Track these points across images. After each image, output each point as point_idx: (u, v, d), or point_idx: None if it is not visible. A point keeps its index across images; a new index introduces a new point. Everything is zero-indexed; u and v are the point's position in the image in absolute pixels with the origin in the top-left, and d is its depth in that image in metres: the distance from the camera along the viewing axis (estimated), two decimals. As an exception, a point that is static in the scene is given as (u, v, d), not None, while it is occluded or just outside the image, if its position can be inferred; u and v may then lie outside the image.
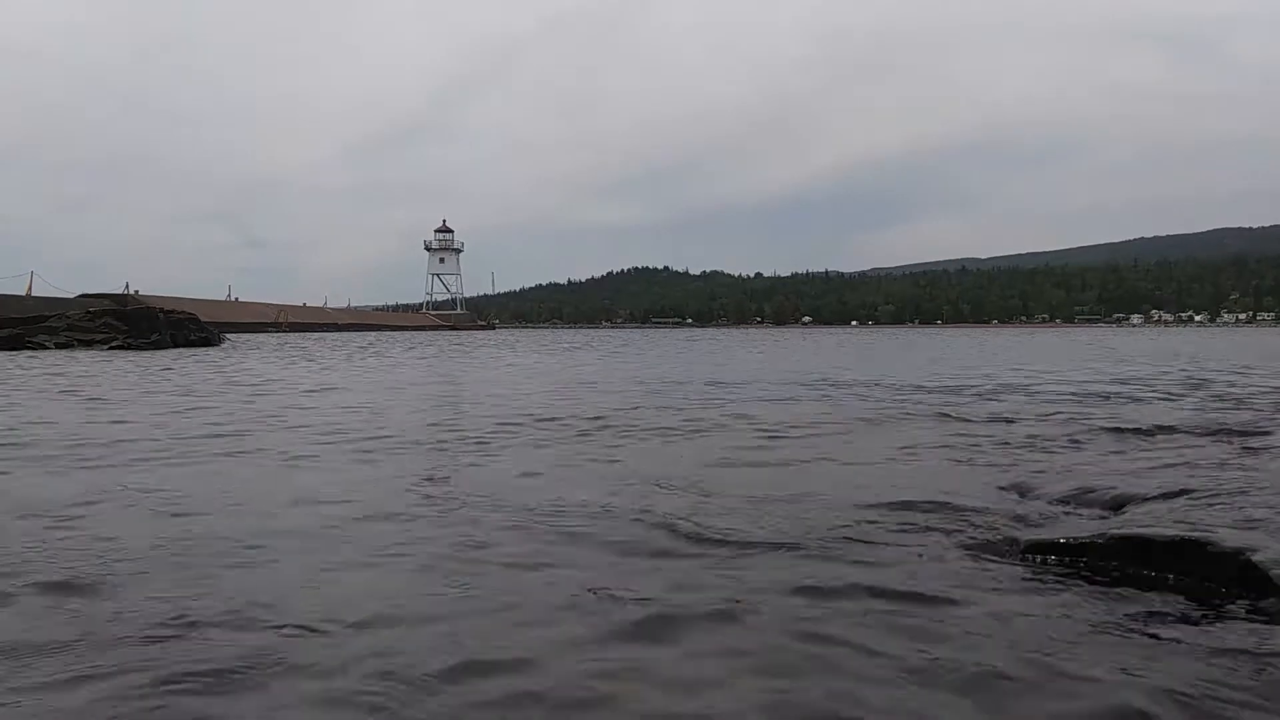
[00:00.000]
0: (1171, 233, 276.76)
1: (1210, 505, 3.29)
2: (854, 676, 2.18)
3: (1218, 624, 2.49)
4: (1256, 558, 2.72)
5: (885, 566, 3.08)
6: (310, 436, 6.72)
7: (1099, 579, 2.87)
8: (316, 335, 58.04)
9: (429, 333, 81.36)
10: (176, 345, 30.37)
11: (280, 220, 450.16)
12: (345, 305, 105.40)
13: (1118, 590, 2.78)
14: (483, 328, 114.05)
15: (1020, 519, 3.71)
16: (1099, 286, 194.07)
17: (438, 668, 2.21)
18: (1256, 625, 2.46)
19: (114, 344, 28.39)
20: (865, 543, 3.40)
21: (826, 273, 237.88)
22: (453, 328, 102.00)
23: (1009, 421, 7.51)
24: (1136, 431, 6.62)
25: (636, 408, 9.06)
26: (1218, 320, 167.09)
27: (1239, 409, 8.56)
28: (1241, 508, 3.14)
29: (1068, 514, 3.81)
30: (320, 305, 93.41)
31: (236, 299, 74.72)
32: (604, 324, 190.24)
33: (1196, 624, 2.50)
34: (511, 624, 2.53)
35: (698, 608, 2.65)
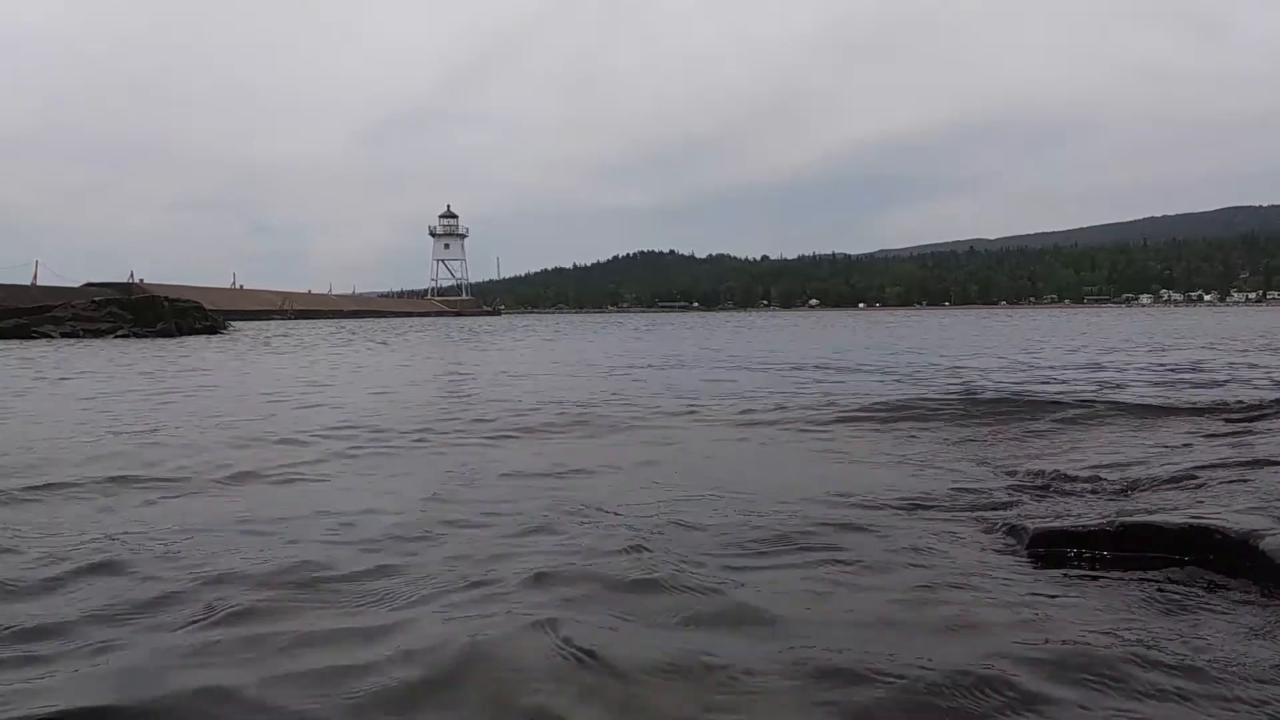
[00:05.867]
0: (1181, 212, 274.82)
1: (1216, 491, 3.20)
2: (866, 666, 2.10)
3: (1227, 612, 2.43)
4: (1264, 544, 2.64)
5: (889, 555, 3.01)
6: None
7: (1108, 567, 2.81)
8: (322, 322, 58.13)
9: (433, 318, 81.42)
10: (182, 333, 30.42)
11: (285, 207, 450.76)
12: (350, 292, 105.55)
13: (1127, 579, 2.71)
14: (488, 313, 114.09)
15: (1025, 507, 3.62)
16: (1108, 266, 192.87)
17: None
18: (1265, 613, 2.39)
19: (119, 332, 28.47)
20: (865, 531, 3.32)
21: (834, 255, 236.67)
22: (458, 313, 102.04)
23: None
24: (1139, 414, 6.52)
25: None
26: (1228, 300, 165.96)
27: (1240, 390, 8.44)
28: (1249, 493, 3.06)
29: (1074, 501, 3.73)
30: (325, 292, 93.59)
31: (241, 286, 74.81)
32: (610, 308, 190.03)
33: (1206, 612, 2.44)
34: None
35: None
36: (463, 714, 1.89)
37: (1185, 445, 4.69)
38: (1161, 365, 12.06)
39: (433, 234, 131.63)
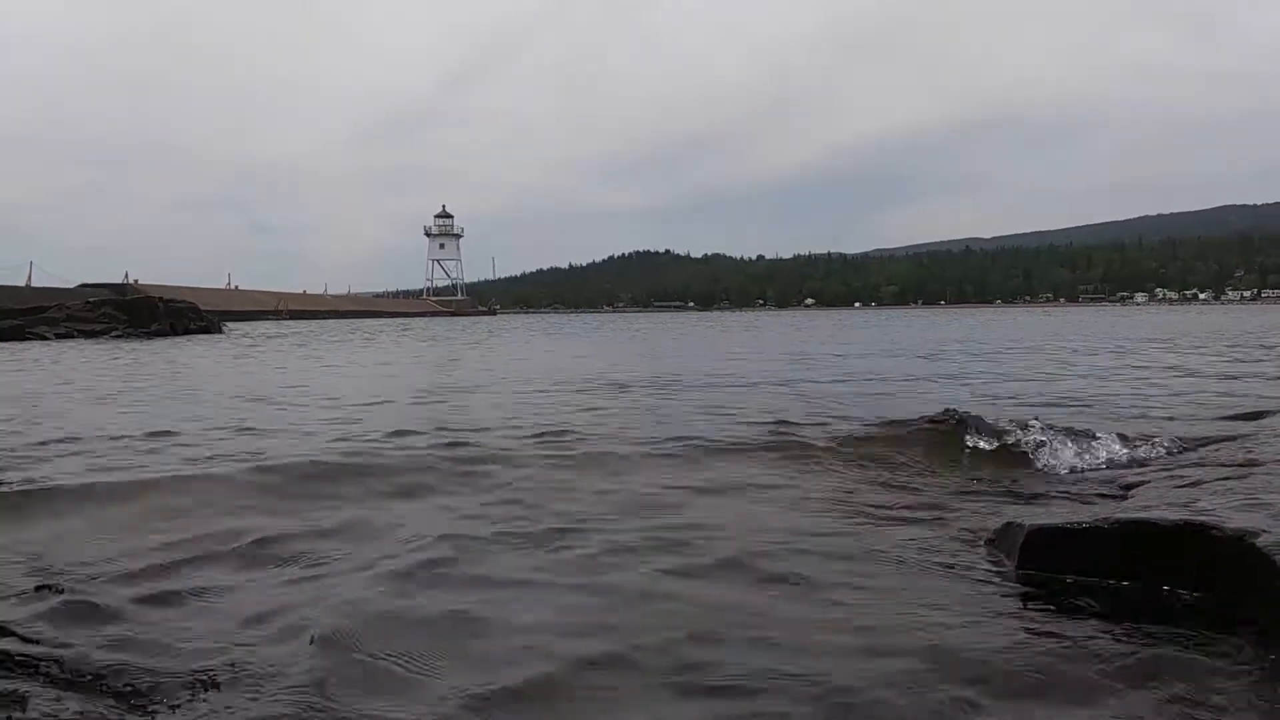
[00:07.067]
0: (1176, 210, 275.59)
1: (1213, 488, 3.19)
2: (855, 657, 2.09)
3: (1221, 610, 2.43)
4: (1260, 542, 2.63)
5: (878, 553, 3.00)
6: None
7: (1103, 564, 2.80)
8: (315, 323, 58.04)
9: (429, 318, 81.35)
10: (176, 334, 30.35)
11: (283, 207, 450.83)
12: (345, 292, 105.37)
13: (1123, 575, 2.71)
14: (484, 313, 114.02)
15: (1019, 505, 3.62)
16: (1104, 265, 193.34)
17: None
18: (1259, 610, 2.38)
19: (114, 333, 28.39)
20: (851, 534, 3.31)
21: (829, 254, 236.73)
22: (454, 313, 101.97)
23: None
24: (1128, 414, 6.51)
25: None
26: (1223, 298, 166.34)
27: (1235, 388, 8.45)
28: (1246, 491, 3.05)
29: (1068, 499, 3.73)
30: (320, 293, 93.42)
31: (236, 287, 74.63)
32: (606, 308, 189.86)
33: (1201, 609, 2.45)
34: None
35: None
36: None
37: (1176, 449, 4.69)
38: (1160, 366, 12.08)
39: (428, 234, 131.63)
